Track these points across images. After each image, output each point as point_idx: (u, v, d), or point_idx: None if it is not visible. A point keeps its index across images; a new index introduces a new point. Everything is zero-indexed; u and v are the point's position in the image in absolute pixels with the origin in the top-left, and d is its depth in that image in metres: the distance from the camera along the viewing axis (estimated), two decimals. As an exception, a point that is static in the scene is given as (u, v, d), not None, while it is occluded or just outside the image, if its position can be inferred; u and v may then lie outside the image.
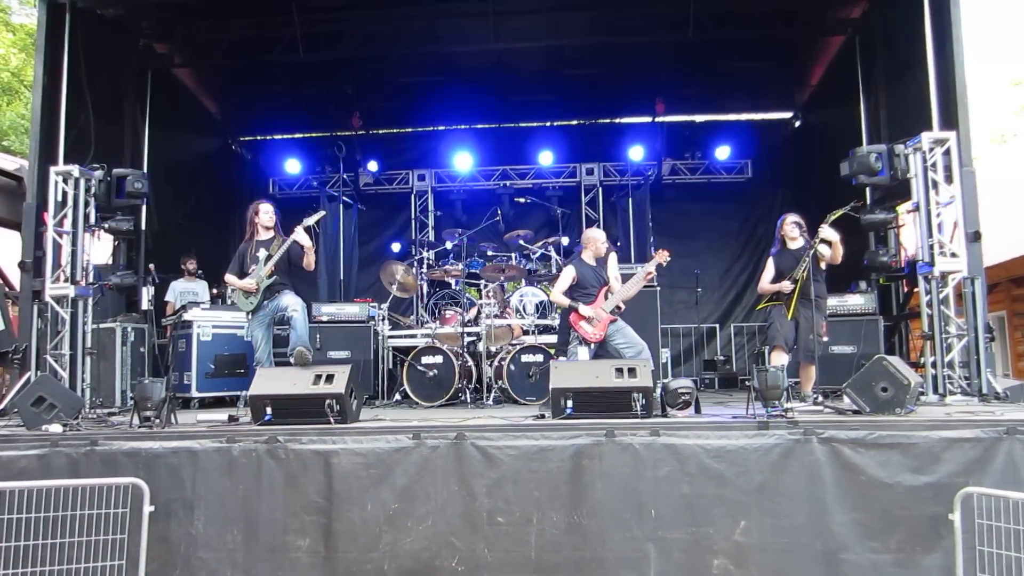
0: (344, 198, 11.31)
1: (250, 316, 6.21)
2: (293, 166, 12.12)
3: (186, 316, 8.15)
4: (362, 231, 12.08)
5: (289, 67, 10.59)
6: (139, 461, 4.69)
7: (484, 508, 4.46)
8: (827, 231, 5.90)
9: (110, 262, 9.04)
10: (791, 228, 6.36)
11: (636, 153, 11.74)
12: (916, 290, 8.06)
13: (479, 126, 12.30)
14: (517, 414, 5.77)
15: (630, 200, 11.25)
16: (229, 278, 6.35)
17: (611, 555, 4.35)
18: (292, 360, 5.61)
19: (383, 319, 8.30)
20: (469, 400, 7.43)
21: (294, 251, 6.20)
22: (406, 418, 5.58)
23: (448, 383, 7.36)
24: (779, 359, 5.93)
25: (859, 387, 4.90)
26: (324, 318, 8.42)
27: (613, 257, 6.69)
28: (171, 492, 4.64)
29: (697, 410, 5.17)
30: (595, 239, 6.57)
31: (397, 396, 7.79)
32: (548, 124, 12.43)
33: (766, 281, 6.39)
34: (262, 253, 6.21)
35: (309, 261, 6.26)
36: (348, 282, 11.18)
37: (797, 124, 11.86)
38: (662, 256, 6.29)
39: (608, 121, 12.51)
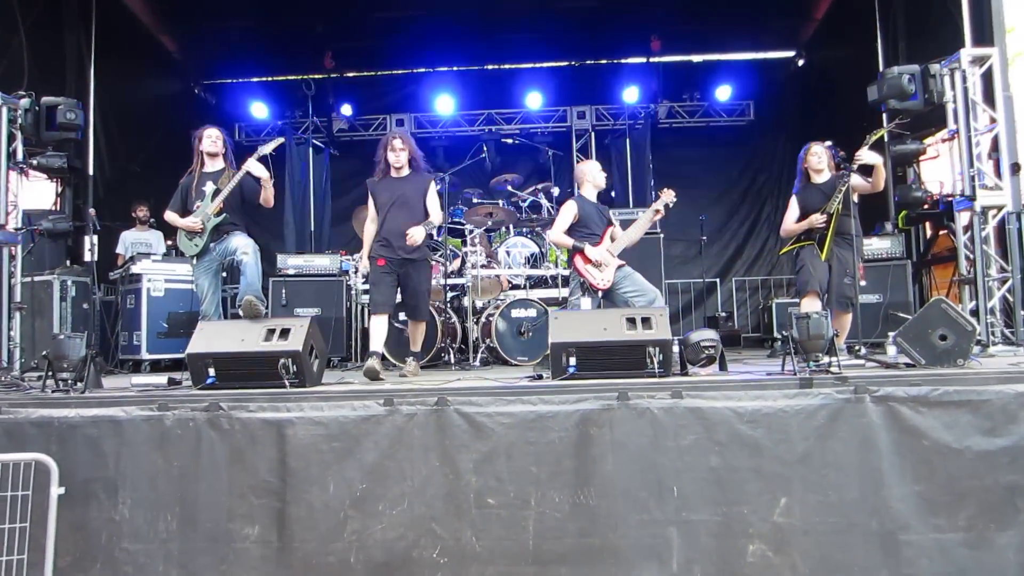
0: (314, 141, 10.36)
1: (195, 261, 5.33)
2: (260, 110, 11.30)
3: (135, 268, 7.30)
4: (336, 183, 11.21)
5: (254, 2, 9.60)
6: (51, 433, 3.85)
7: (471, 488, 3.68)
8: (869, 155, 5.08)
9: (55, 209, 8.22)
10: (816, 159, 5.52)
11: (631, 95, 11.04)
12: (943, 232, 7.40)
13: (461, 68, 11.37)
14: (509, 375, 4.96)
15: (627, 141, 10.39)
16: (170, 215, 5.44)
17: (625, 542, 3.60)
18: (240, 312, 4.77)
19: (356, 271, 7.46)
20: (453, 361, 6.63)
21: (248, 185, 5.31)
22: (380, 380, 4.77)
23: (429, 342, 6.55)
24: (812, 306, 5.12)
25: (912, 336, 4.15)
26: (291, 271, 7.58)
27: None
28: (90, 470, 3.83)
29: (722, 367, 4.39)
30: (590, 170, 5.76)
31: (372, 357, 6.98)
32: (536, 65, 11.48)
33: (790, 221, 5.57)
34: (209, 187, 5.30)
35: (267, 196, 5.38)
36: (320, 235, 10.32)
37: (800, 63, 11.09)
38: (668, 195, 5.50)
39: (600, 62, 11.55)
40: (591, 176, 5.74)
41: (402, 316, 6.65)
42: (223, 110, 11.61)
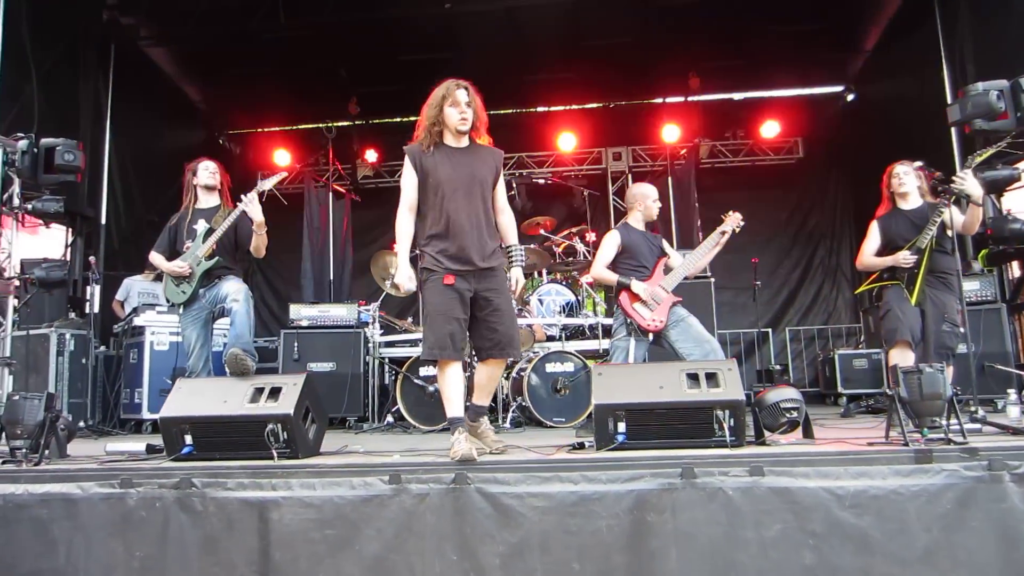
0: (336, 187, 9.88)
1: (181, 310, 4.70)
2: (284, 158, 10.86)
3: (138, 320, 6.76)
4: (360, 232, 10.72)
5: (277, 49, 9.35)
6: (-8, 515, 3.23)
7: (497, 590, 2.93)
8: (971, 184, 4.28)
9: (62, 259, 7.82)
10: (897, 180, 4.75)
11: (669, 134, 10.39)
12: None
13: (490, 112, 10.85)
14: (543, 442, 4.17)
15: (670, 180, 9.72)
16: (155, 257, 4.84)
17: (696, 664, 2.80)
18: (225, 367, 4.10)
19: (374, 322, 6.81)
20: (480, 422, 5.88)
21: (244, 227, 4.67)
22: (389, 450, 4.02)
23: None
24: (904, 358, 4.28)
25: (1049, 395, 3.34)
26: (304, 323, 6.95)
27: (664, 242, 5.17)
28: (35, 560, 3.21)
29: (807, 434, 3.58)
30: (644, 196, 5.00)
31: (389, 418, 6.27)
32: (568, 107, 10.99)
33: (869, 253, 4.76)
34: (201, 226, 4.70)
35: (258, 244, 4.66)
36: (339, 286, 9.73)
37: (850, 97, 10.47)
38: (734, 219, 4.76)
39: (635, 101, 10.99)
40: (644, 203, 5.00)
41: (423, 371, 5.98)
42: (247, 159, 11.33)
